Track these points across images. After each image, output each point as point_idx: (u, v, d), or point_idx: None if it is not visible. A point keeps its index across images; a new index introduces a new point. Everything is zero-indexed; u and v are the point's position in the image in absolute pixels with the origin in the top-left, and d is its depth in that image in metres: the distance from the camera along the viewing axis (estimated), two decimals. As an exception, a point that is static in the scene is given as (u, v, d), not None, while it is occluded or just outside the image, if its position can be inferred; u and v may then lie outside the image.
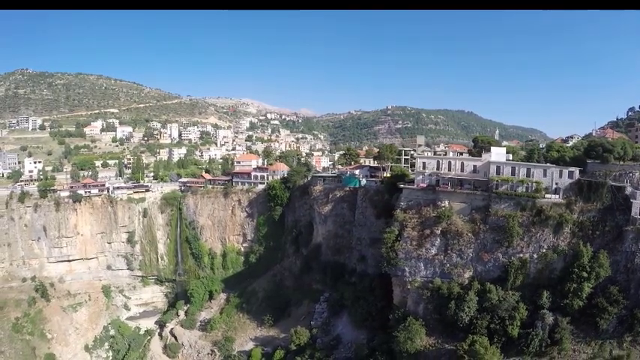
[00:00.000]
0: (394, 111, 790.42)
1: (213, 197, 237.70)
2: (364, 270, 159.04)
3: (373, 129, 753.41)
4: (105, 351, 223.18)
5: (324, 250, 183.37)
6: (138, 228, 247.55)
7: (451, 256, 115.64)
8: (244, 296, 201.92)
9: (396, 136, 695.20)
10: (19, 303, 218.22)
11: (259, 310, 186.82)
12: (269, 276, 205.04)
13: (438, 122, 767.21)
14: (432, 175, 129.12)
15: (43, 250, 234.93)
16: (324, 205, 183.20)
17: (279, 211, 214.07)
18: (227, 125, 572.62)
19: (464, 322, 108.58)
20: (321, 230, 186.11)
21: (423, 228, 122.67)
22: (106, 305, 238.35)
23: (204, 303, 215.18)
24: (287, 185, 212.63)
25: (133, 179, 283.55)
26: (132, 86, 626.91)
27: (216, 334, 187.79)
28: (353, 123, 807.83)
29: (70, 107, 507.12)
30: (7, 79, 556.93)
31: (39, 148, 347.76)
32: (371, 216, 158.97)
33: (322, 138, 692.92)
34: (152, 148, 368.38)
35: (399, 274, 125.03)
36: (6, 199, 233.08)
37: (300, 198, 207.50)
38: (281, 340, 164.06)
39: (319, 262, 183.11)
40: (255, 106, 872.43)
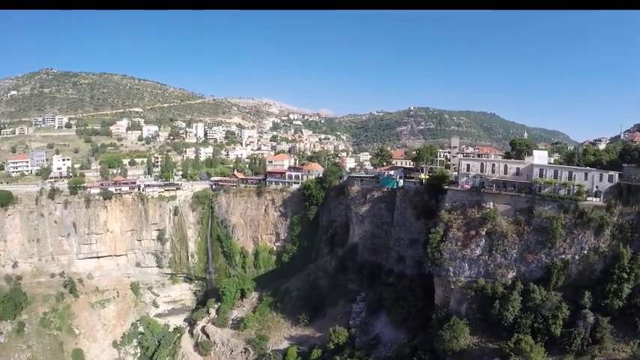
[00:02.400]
0: (417, 112, 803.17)
1: (246, 196, 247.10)
2: (402, 270, 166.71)
3: (396, 130, 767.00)
4: (133, 347, 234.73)
5: (361, 251, 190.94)
6: (168, 226, 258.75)
7: (495, 256, 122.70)
8: (278, 295, 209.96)
9: (418, 138, 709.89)
10: (47, 298, 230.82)
11: (293, 310, 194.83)
12: (303, 275, 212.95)
13: (460, 124, 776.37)
14: (476, 177, 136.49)
15: (72, 247, 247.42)
16: (362, 205, 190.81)
17: (314, 210, 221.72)
18: (251, 125, 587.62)
19: (508, 321, 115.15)
20: (358, 230, 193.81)
21: (468, 229, 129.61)
22: (135, 302, 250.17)
23: (235, 301, 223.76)
24: (322, 185, 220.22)
25: (162, 177, 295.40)
26: (156, 86, 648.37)
27: (250, 332, 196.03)
28: (375, 124, 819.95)
29: (95, 106, 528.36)
30: (32, 79, 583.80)
31: (66, 146, 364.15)
32: (410, 217, 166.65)
33: (345, 139, 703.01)
34: (178, 147, 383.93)
35: (443, 274, 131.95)
36: (35, 195, 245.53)
37: (336, 198, 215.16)
38: (317, 339, 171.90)
39: (355, 262, 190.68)
40: (277, 106, 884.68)
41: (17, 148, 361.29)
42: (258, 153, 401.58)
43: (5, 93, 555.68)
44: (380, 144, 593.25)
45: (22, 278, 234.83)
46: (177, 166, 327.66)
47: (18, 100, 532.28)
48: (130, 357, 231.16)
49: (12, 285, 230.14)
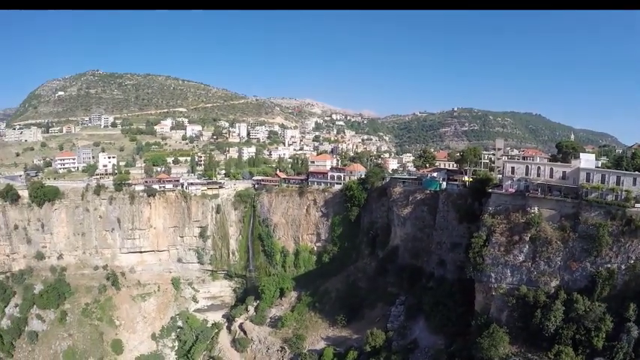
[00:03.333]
0: (460, 113, 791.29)
1: (288, 196, 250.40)
2: (443, 275, 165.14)
3: (439, 131, 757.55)
4: (171, 340, 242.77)
5: (401, 253, 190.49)
6: (210, 223, 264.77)
7: (539, 263, 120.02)
8: (317, 295, 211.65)
9: (462, 139, 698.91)
10: (90, 290, 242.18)
11: (332, 310, 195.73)
12: (342, 276, 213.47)
13: (505, 125, 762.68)
14: (521, 181, 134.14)
15: (116, 241, 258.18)
16: (404, 207, 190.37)
17: (356, 212, 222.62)
18: (293, 125, 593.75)
19: (549, 331, 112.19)
20: (399, 233, 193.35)
21: (511, 234, 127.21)
22: (175, 297, 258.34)
23: (274, 300, 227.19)
24: (365, 186, 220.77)
25: (205, 176, 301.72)
26: (199, 86, 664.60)
27: (287, 331, 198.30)
28: (418, 125, 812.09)
29: (139, 106, 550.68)
30: (79, 80, 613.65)
31: (111, 144, 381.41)
32: (453, 220, 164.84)
33: (387, 140, 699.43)
34: (221, 147, 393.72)
35: (485, 279, 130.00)
36: (82, 191, 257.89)
37: (378, 199, 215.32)
38: (354, 341, 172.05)
39: (395, 265, 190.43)
40: (320, 106, 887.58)
41: (64, 145, 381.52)
42: (300, 153, 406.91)
43: (53, 93, 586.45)
44: (423, 145, 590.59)
45: (67, 270, 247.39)
46: (220, 165, 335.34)
47: (65, 100, 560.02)
48: (168, 350, 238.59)
49: (56, 276, 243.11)
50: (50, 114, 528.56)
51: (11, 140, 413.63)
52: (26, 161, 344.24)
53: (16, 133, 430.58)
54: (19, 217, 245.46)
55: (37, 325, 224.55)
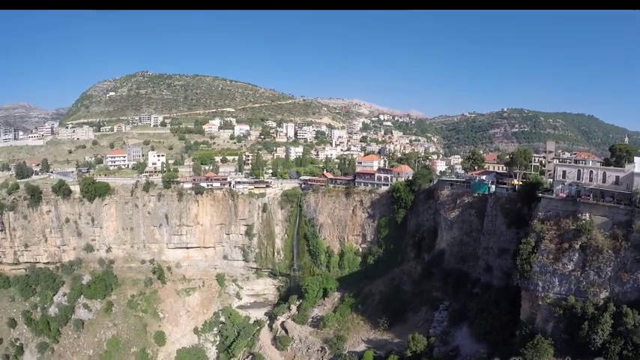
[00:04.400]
0: (510, 114, 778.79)
1: (335, 196, 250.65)
2: (489, 281, 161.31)
3: (488, 132, 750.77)
4: (213, 335, 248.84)
5: (447, 257, 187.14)
6: (257, 222, 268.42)
7: (588, 273, 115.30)
8: (360, 297, 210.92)
9: (512, 141, 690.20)
10: (136, 282, 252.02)
11: (374, 313, 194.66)
12: (387, 279, 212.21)
13: (556, 126, 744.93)
14: (572, 185, 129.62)
15: (163, 236, 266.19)
16: (451, 210, 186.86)
17: (403, 213, 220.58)
18: (341, 126, 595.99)
19: (596, 345, 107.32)
20: (446, 236, 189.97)
21: (561, 241, 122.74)
22: (219, 293, 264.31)
23: (317, 300, 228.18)
24: (412, 188, 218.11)
25: (252, 175, 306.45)
26: (247, 87, 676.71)
27: (328, 331, 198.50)
28: (467, 126, 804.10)
29: (188, 106, 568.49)
30: (129, 81, 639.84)
31: (160, 143, 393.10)
32: (501, 225, 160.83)
33: (435, 141, 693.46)
34: (269, 146, 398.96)
35: (532, 288, 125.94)
36: (131, 187, 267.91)
37: (425, 202, 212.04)
38: (394, 344, 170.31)
39: (441, 269, 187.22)
40: (367, 107, 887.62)
41: (115, 144, 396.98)
42: (347, 153, 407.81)
43: (104, 94, 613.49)
44: (472, 147, 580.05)
45: (115, 262, 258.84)
46: (268, 165, 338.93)
47: (116, 100, 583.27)
48: (209, 344, 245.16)
49: (104, 268, 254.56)
50: (101, 113, 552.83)
51: (64, 138, 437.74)
52: (78, 158, 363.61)
53: (68, 131, 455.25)
54: (71, 211, 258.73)
55: (84, 314, 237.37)
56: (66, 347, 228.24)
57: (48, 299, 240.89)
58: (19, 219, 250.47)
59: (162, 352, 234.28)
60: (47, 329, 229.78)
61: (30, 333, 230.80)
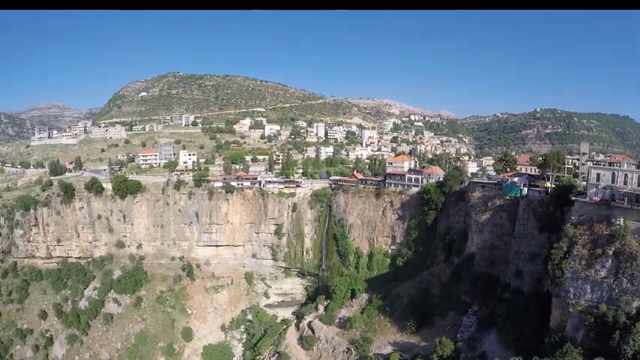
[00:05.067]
0: (543, 114, 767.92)
1: (365, 197, 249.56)
2: (519, 286, 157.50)
3: (521, 133, 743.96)
4: (240, 333, 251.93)
5: (477, 261, 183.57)
6: (286, 221, 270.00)
7: (621, 280, 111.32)
8: (388, 299, 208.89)
9: (545, 142, 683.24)
10: (166, 279, 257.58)
11: (402, 315, 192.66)
12: (415, 281, 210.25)
13: (590, 127, 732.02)
14: (607, 189, 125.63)
15: (193, 234, 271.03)
16: (482, 213, 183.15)
17: (433, 215, 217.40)
18: (371, 126, 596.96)
19: (627, 356, 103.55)
20: (476, 239, 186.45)
21: (594, 246, 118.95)
22: (247, 291, 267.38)
23: (345, 301, 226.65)
24: (442, 190, 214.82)
25: (282, 174, 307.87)
26: (277, 87, 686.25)
27: (355, 333, 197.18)
28: (499, 126, 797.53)
29: (219, 106, 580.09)
30: (160, 81, 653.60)
31: (192, 142, 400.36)
32: (533, 229, 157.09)
33: (467, 141, 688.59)
34: (299, 146, 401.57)
35: (563, 294, 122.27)
36: (162, 185, 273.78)
37: (456, 204, 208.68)
38: (421, 348, 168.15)
39: (470, 273, 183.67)
40: (398, 107, 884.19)
41: (147, 142, 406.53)
42: (378, 154, 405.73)
43: (136, 94, 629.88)
44: (504, 148, 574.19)
45: (145, 259, 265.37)
46: (298, 165, 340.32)
47: (148, 100, 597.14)
48: (236, 341, 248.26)
49: (135, 264, 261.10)
50: (133, 113, 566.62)
51: (97, 137, 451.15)
52: (110, 157, 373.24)
53: (101, 130, 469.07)
54: (103, 208, 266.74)
55: (113, 308, 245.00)
56: (95, 340, 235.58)
57: (79, 293, 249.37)
58: (52, 215, 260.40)
59: (188, 348, 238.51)
60: (77, 322, 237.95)
61: (60, 325, 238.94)
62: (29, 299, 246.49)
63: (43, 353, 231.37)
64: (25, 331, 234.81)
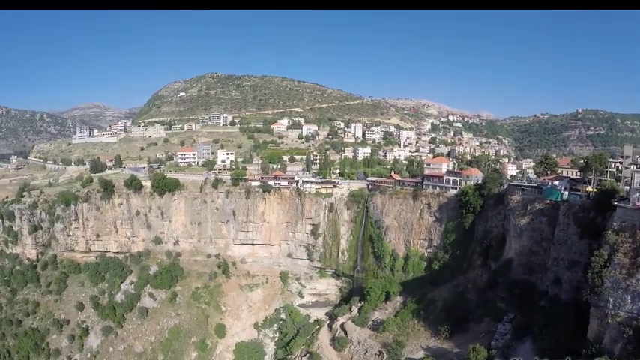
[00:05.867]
0: (585, 115, 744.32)
1: (402, 198, 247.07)
2: (557, 294, 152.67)
3: (562, 135, 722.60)
4: (273, 331, 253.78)
5: (515, 267, 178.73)
6: (323, 222, 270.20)
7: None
8: (422, 303, 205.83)
9: (587, 144, 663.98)
10: (201, 275, 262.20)
11: (436, 320, 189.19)
12: (451, 286, 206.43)
13: (634, 129, 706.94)
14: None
15: (229, 232, 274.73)
16: (521, 217, 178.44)
17: (471, 219, 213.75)
18: (409, 126, 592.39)
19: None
20: (514, 244, 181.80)
21: (635, 255, 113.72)
22: (281, 290, 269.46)
23: (379, 303, 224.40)
24: (481, 192, 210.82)
25: (320, 175, 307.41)
26: (314, 87, 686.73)
27: (387, 336, 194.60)
28: (540, 128, 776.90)
29: (257, 106, 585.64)
30: (199, 82, 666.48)
31: (230, 142, 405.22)
32: (573, 235, 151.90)
33: (506, 143, 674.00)
34: (336, 146, 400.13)
35: (602, 304, 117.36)
36: (200, 184, 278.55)
37: (494, 207, 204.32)
38: (454, 354, 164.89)
39: (507, 279, 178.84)
40: (436, 107, 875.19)
41: (185, 142, 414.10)
42: (416, 155, 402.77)
43: (175, 94, 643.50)
44: (544, 150, 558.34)
45: (181, 255, 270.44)
46: (335, 165, 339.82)
47: (186, 100, 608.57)
48: (268, 340, 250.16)
49: (171, 260, 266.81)
50: (172, 113, 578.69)
51: (136, 136, 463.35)
52: (150, 155, 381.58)
53: (141, 129, 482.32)
54: (141, 205, 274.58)
55: (149, 302, 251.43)
56: (129, 332, 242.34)
57: (115, 286, 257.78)
58: (92, 210, 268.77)
59: (221, 344, 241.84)
60: (113, 314, 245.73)
61: (96, 317, 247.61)
62: (67, 291, 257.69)
63: (79, 343, 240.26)
64: (62, 321, 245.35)
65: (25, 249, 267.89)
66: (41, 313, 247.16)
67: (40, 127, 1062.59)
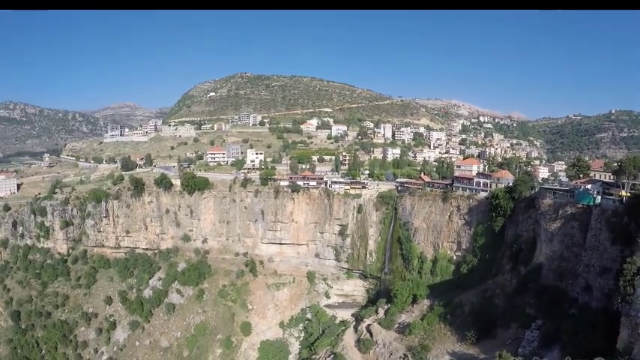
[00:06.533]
0: (618, 116, 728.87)
1: (431, 200, 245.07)
2: (587, 302, 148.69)
3: (595, 137, 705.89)
4: (298, 331, 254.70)
5: (545, 273, 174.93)
6: (351, 222, 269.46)
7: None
8: (449, 307, 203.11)
9: (620, 147, 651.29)
10: (229, 273, 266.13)
11: (462, 325, 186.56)
12: (479, 290, 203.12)
13: None
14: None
15: (258, 231, 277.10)
16: (552, 221, 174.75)
17: (501, 222, 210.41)
18: (439, 127, 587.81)
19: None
20: (545, 249, 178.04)
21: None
22: (308, 290, 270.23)
23: (406, 306, 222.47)
24: (512, 195, 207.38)
25: (349, 175, 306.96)
26: (344, 87, 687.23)
27: (413, 339, 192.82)
28: (572, 129, 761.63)
29: (286, 106, 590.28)
30: (228, 82, 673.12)
31: (259, 142, 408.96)
32: (605, 240, 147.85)
33: (538, 145, 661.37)
34: (366, 147, 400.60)
35: (633, 314, 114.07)
36: (229, 183, 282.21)
37: (525, 211, 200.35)
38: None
39: (537, 285, 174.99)
40: (467, 108, 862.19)
41: (215, 141, 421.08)
42: (446, 156, 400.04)
43: (205, 94, 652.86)
44: (577, 152, 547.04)
45: (209, 253, 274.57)
46: (365, 165, 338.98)
47: (216, 100, 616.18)
48: (293, 339, 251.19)
49: (199, 257, 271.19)
50: (202, 113, 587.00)
51: (167, 135, 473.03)
52: (179, 154, 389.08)
53: (171, 129, 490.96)
54: (171, 203, 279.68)
55: (176, 299, 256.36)
56: (155, 327, 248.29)
57: (144, 282, 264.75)
58: (122, 207, 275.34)
59: (246, 342, 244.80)
60: (140, 309, 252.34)
61: (124, 311, 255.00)
62: (96, 285, 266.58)
63: (106, 336, 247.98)
64: (90, 314, 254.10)
65: (56, 244, 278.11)
66: (70, 306, 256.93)
67: (72, 126, 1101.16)
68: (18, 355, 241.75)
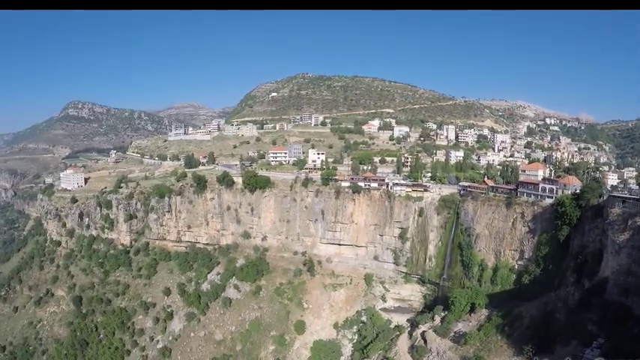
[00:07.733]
0: None
1: (495, 206, 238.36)
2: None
3: None
4: (352, 333, 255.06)
5: (610, 287, 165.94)
6: (411, 226, 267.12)
7: None
8: (508, 318, 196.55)
9: None
10: (286, 271, 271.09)
11: (520, 338, 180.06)
12: (540, 302, 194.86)
13: None
14: None
15: (317, 231, 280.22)
16: (621, 232, 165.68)
17: (566, 231, 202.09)
18: (504, 129, 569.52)
19: None
20: (612, 262, 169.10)
21: None
22: (364, 292, 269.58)
23: (463, 314, 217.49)
24: (578, 203, 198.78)
25: (411, 177, 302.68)
26: (406, 87, 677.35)
27: (468, 349, 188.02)
28: None
29: (348, 107, 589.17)
30: (290, 82, 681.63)
31: (320, 142, 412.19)
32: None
33: (607, 149, 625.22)
34: (428, 149, 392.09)
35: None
36: (290, 182, 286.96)
37: (592, 220, 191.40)
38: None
39: (601, 300, 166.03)
40: (532, 109, 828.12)
41: (277, 140, 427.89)
42: (510, 160, 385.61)
43: (267, 95, 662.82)
44: None
45: (268, 251, 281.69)
46: (427, 168, 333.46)
47: (278, 100, 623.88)
48: (346, 341, 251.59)
49: (258, 254, 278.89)
50: (264, 112, 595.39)
51: (229, 134, 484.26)
52: (242, 153, 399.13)
53: (233, 128, 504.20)
54: (232, 200, 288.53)
55: (233, 294, 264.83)
56: (211, 320, 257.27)
57: (202, 276, 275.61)
58: (184, 203, 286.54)
59: (299, 341, 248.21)
60: (197, 302, 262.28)
61: (181, 303, 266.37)
62: (156, 277, 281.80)
63: (162, 326, 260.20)
64: (148, 304, 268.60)
65: (119, 235, 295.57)
66: (130, 295, 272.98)
67: (137, 124, 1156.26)
68: (77, 338, 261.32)
